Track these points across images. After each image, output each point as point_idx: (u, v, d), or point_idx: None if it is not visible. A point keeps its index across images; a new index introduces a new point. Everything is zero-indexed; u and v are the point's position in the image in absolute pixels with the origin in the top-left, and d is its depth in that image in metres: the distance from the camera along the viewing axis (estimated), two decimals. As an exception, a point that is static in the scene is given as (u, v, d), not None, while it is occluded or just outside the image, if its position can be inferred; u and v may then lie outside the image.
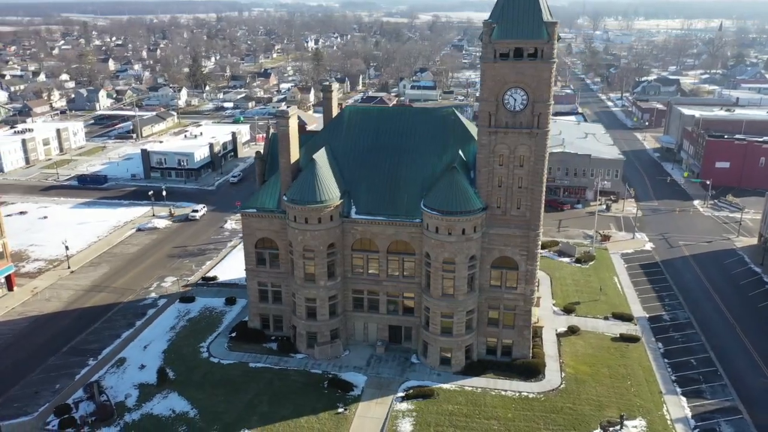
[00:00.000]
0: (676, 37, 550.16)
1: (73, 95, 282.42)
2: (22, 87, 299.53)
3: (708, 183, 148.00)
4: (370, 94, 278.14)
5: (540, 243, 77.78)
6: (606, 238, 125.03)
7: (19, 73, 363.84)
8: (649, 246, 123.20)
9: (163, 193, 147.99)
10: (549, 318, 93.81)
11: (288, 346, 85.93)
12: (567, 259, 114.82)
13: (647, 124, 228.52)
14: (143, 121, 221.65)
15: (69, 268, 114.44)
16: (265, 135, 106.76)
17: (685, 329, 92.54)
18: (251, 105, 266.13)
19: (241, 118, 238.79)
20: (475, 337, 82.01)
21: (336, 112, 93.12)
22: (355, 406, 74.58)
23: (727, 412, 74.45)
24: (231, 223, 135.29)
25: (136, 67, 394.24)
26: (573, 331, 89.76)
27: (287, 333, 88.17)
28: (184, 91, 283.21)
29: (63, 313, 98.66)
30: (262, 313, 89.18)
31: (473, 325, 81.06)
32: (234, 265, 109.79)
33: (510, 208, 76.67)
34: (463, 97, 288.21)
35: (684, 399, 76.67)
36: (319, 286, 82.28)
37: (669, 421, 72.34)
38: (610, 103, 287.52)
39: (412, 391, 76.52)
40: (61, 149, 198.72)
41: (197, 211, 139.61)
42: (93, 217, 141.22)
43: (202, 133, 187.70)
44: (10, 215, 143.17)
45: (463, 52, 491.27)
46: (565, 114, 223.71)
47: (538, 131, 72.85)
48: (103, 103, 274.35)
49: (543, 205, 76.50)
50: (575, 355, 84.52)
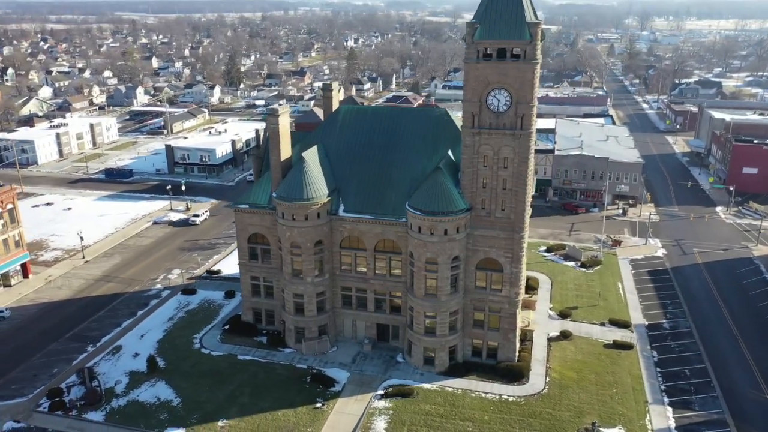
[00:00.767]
0: (725, 38, 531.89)
1: (112, 91, 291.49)
2: (66, 83, 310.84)
3: (731, 189, 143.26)
4: (396, 93, 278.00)
5: (524, 246, 77.03)
6: (617, 243, 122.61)
7: (66, 69, 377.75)
8: (661, 252, 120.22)
9: (182, 187, 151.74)
10: (543, 322, 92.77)
11: (277, 341, 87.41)
12: (572, 263, 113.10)
13: (678, 127, 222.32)
14: (174, 117, 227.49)
15: (84, 258, 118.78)
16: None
17: (683, 338, 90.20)
18: (281, 102, 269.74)
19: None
20: (460, 338, 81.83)
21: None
22: (333, 402, 75.43)
23: (714, 425, 72.37)
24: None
25: (178, 64, 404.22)
26: (565, 336, 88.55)
27: (278, 327, 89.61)
28: (218, 89, 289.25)
29: (71, 301, 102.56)
30: (255, 307, 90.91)
31: (457, 326, 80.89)
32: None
33: (494, 210, 76.25)
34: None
35: (670, 409, 74.86)
36: (307, 282, 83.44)
37: (650, 431, 70.82)
38: (645, 106, 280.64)
39: (391, 389, 76.94)
40: (94, 143, 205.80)
41: (198, 215, 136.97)
42: (114, 210, 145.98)
43: (226, 130, 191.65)
44: (37, 206, 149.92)
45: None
46: (595, 116, 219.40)
47: (521, 133, 72.22)
48: (141, 100, 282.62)
49: (528, 207, 75.77)
50: (563, 361, 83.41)
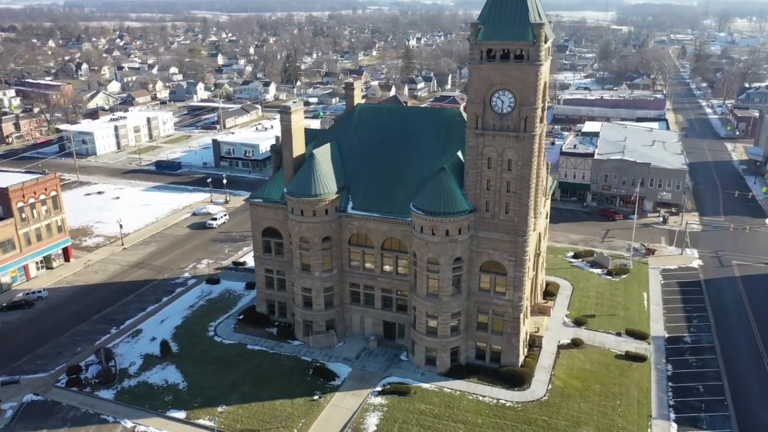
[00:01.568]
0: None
1: (174, 87, 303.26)
2: (134, 78, 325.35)
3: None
4: (445, 93, 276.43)
5: (527, 250, 75.88)
6: (650, 252, 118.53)
7: (137, 65, 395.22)
8: (696, 263, 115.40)
9: (224, 181, 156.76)
10: (556, 329, 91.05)
11: (287, 333, 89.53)
12: (598, 271, 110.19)
13: (738, 133, 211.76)
14: (228, 113, 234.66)
15: (122, 245, 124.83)
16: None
17: (703, 354, 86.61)
18: (335, 101, 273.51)
19: (321, 113, 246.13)
20: (463, 340, 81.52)
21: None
22: (331, 396, 76.73)
23: (719, 445, 69.50)
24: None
25: (241, 62, 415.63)
26: (576, 344, 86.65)
27: (290, 320, 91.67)
28: (273, 86, 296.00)
29: (104, 285, 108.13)
30: (269, 299, 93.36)
31: (460, 327, 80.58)
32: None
33: (498, 212, 75.57)
34: (548, 100, 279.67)
35: (675, 426, 72.28)
36: (315, 276, 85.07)
37: (648, 446, 68.72)
38: (709, 110, 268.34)
39: (389, 386, 77.58)
40: (150, 137, 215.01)
41: (216, 218, 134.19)
42: (158, 200, 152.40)
43: (272, 126, 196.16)
44: (89, 194, 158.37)
45: (567, 53, 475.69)
46: (649, 120, 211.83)
47: (525, 135, 71.26)
48: (200, 95, 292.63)
49: (532, 211, 74.62)
50: (570, 369, 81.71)
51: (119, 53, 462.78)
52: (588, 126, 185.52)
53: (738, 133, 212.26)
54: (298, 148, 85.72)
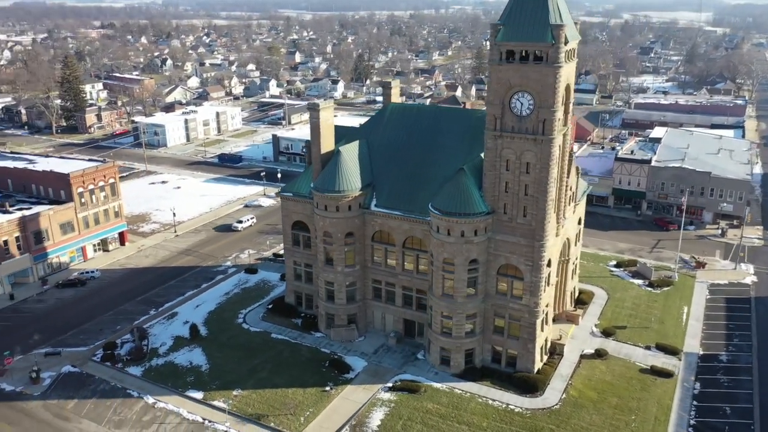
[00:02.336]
0: None
1: (249, 83, 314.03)
2: (212, 74, 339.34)
3: None
4: None
5: (544, 255, 74.47)
6: (700, 265, 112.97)
7: (218, 62, 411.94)
8: (750, 279, 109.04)
9: (278, 175, 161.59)
10: (582, 338, 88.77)
11: (311, 324, 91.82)
12: (639, 281, 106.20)
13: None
14: (294, 109, 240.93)
15: (175, 232, 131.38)
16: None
17: (738, 374, 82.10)
18: (402, 100, 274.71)
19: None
20: (479, 342, 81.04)
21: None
22: (342, 388, 78.28)
23: (738, 470, 65.97)
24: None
25: (317, 59, 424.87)
26: (599, 354, 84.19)
27: (315, 312, 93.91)
28: (341, 84, 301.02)
29: (152, 269, 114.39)
30: (297, 291, 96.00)
31: (476, 330, 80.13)
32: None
33: (516, 216, 74.64)
34: (621, 103, 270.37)
35: (691, 446, 69.24)
36: (337, 271, 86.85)
37: (657, 465, 66.18)
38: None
39: (400, 383, 78.29)
40: (219, 130, 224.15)
41: (241, 221, 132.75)
42: (215, 191, 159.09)
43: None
44: (153, 183, 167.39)
45: (652, 55, 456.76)
46: (726, 127, 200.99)
47: (542, 138, 70.08)
48: (272, 92, 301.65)
49: (550, 216, 73.19)
50: (588, 379, 79.58)
51: (204, 50, 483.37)
52: (656, 132, 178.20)
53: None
54: (327, 144, 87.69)
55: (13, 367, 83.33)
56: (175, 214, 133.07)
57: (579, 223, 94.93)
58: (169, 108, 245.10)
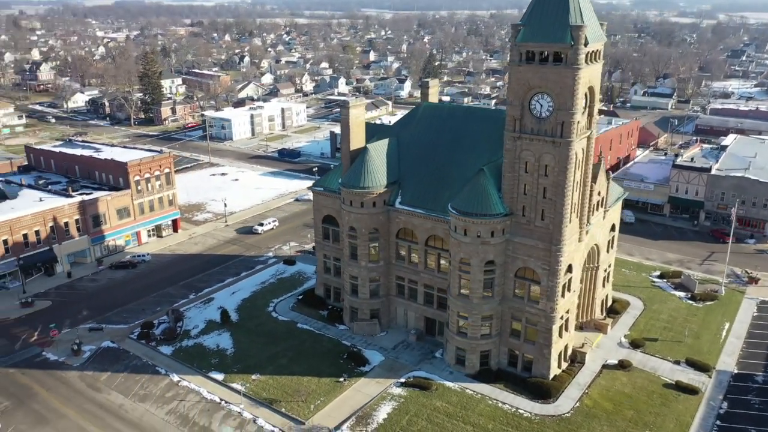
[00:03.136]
0: None
1: (319, 81, 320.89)
2: (285, 71, 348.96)
3: None
4: None
5: (561, 259, 73.16)
6: (753, 281, 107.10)
7: (294, 59, 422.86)
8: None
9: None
10: (608, 347, 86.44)
11: (336, 317, 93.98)
12: (681, 294, 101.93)
13: None
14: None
15: (225, 222, 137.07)
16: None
17: (773, 396, 77.74)
18: (467, 100, 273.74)
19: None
20: (496, 345, 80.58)
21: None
22: (356, 380, 79.88)
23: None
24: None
25: (390, 59, 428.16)
26: (623, 365, 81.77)
27: (342, 305, 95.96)
28: (408, 83, 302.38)
29: (199, 255, 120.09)
30: (326, 283, 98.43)
31: (492, 332, 79.72)
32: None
33: (534, 218, 73.78)
34: (698, 109, 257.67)
35: (706, 466, 66.40)
36: (361, 265, 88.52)
37: (663, 482, 63.94)
38: None
39: (412, 379, 79.08)
40: (283, 126, 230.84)
41: (262, 224, 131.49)
42: (270, 185, 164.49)
43: (390, 121, 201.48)
44: (214, 174, 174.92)
45: (743, 58, 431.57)
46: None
47: (561, 141, 68.99)
48: (342, 89, 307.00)
49: (567, 220, 71.86)
50: (607, 390, 77.55)
51: (282, 48, 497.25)
52: (728, 139, 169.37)
53: None
54: (356, 141, 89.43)
55: (59, 339, 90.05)
56: (226, 205, 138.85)
57: (612, 230, 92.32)
58: (239, 103, 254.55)
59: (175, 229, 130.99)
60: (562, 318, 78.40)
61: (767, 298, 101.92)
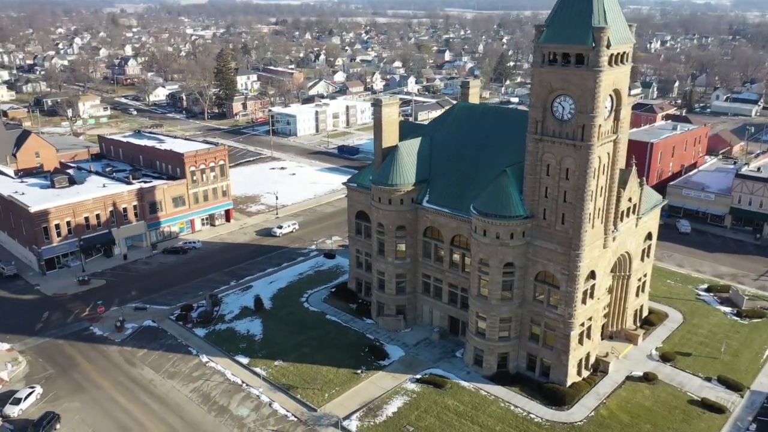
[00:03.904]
0: None
1: (389, 80, 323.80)
2: (357, 70, 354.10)
3: None
4: (643, 101, 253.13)
5: (580, 264, 71.78)
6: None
7: (369, 58, 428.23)
8: None
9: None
10: (636, 358, 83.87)
11: (364, 311, 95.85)
12: (727, 309, 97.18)
13: None
14: (422, 106, 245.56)
15: (276, 215, 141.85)
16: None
17: (809, 422, 73.22)
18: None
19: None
20: (514, 348, 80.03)
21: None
22: (373, 373, 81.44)
23: None
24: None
25: (465, 59, 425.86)
26: (648, 378, 79.19)
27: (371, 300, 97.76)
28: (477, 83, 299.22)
29: (245, 245, 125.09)
30: (358, 278, 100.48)
31: (510, 334, 79.21)
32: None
33: (555, 222, 72.82)
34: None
35: (720, 488, 63.66)
36: (388, 261, 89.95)
37: (669, 499, 61.88)
38: None
39: (427, 376, 79.82)
40: (347, 123, 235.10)
41: (281, 227, 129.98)
42: (325, 180, 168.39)
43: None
44: (273, 168, 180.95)
45: None
46: None
47: (581, 144, 67.81)
48: (411, 89, 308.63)
49: (587, 225, 70.43)
50: (626, 402, 75.45)
51: (359, 47, 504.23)
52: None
53: None
54: (389, 139, 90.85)
55: (106, 315, 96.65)
56: (277, 198, 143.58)
57: (649, 238, 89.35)
58: (308, 100, 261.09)
59: (228, 219, 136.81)
60: (582, 325, 76.94)
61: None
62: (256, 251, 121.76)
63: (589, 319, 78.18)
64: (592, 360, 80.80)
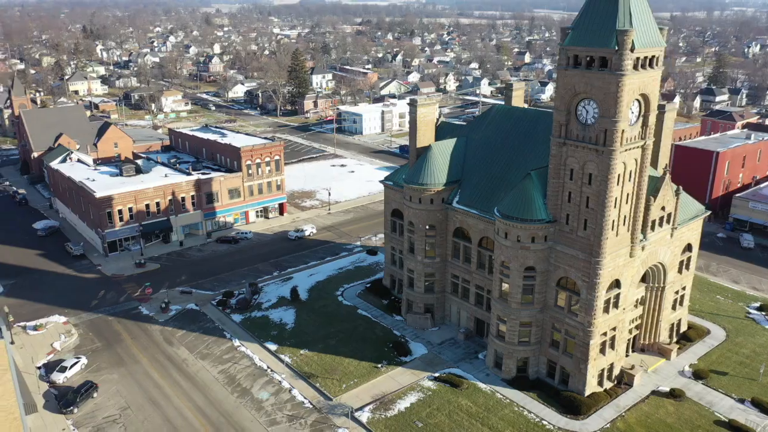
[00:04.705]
0: None
1: (462, 81, 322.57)
2: (432, 70, 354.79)
3: None
4: (723, 108, 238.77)
5: (600, 272, 70.21)
6: None
7: (448, 59, 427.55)
8: None
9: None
10: (666, 374, 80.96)
11: (395, 307, 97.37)
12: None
13: None
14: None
15: (329, 210, 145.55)
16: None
17: None
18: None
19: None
20: (535, 353, 79.23)
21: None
22: (393, 368, 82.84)
23: None
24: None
25: (546, 61, 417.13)
26: (674, 394, 76.32)
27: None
28: (550, 86, 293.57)
29: (294, 239, 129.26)
30: (392, 275, 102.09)
31: (531, 339, 78.47)
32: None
33: (577, 228, 71.62)
34: None
35: None
36: (417, 260, 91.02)
37: None
38: None
39: (445, 375, 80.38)
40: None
41: (300, 231, 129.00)
42: (381, 178, 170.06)
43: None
44: (334, 165, 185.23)
45: None
46: None
47: (603, 149, 66.46)
48: (484, 90, 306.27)
49: (608, 232, 68.83)
50: (646, 417, 73.12)
51: (439, 47, 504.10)
52: None
53: None
54: (424, 139, 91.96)
55: (155, 297, 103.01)
56: (330, 194, 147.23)
57: (689, 250, 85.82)
58: (379, 100, 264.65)
59: (281, 212, 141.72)
60: (605, 335, 75.21)
61: None
62: (303, 245, 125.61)
63: (613, 329, 76.23)
64: (617, 371, 78.68)
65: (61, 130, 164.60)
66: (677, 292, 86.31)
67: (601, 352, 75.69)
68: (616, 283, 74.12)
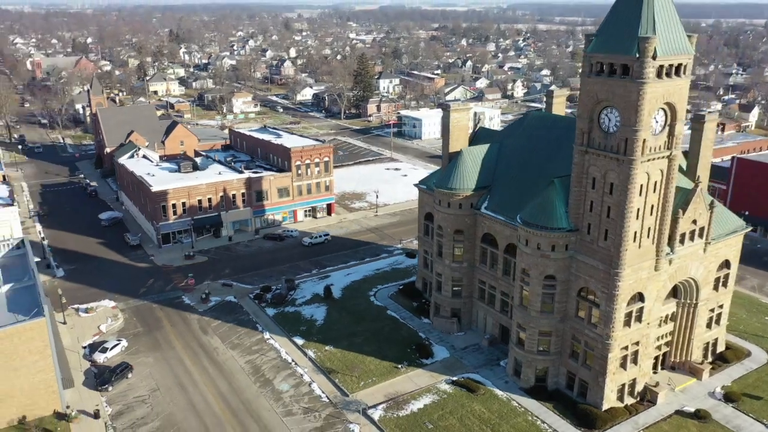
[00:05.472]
0: None
1: (529, 87, 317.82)
2: (502, 77, 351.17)
3: None
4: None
5: (619, 284, 68.52)
6: None
7: (519, 65, 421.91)
8: None
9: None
10: (694, 394, 77.89)
11: (423, 310, 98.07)
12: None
13: None
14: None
15: (376, 212, 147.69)
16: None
17: None
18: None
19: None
20: (554, 363, 78.12)
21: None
22: (413, 370, 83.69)
23: None
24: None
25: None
26: (699, 416, 73.38)
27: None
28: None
29: (339, 238, 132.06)
30: (424, 277, 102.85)
31: (550, 349, 77.43)
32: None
33: (598, 238, 70.31)
34: None
35: None
36: (445, 264, 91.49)
37: None
38: None
39: (462, 380, 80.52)
40: (473, 129, 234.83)
41: (312, 237, 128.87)
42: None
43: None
44: (388, 169, 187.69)
45: None
46: None
47: (624, 159, 65.07)
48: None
49: (630, 243, 67.19)
50: (666, 436, 70.82)
51: (513, 53, 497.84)
52: None
53: None
54: (457, 144, 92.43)
55: (197, 288, 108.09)
56: (377, 196, 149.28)
57: (727, 266, 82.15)
58: (441, 105, 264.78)
59: (329, 213, 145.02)
60: (626, 349, 73.29)
61: None
62: (346, 245, 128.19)
63: (636, 343, 74.14)
64: (639, 387, 76.40)
65: (133, 128, 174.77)
66: (713, 310, 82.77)
67: (622, 366, 73.79)
68: (639, 297, 72.15)
